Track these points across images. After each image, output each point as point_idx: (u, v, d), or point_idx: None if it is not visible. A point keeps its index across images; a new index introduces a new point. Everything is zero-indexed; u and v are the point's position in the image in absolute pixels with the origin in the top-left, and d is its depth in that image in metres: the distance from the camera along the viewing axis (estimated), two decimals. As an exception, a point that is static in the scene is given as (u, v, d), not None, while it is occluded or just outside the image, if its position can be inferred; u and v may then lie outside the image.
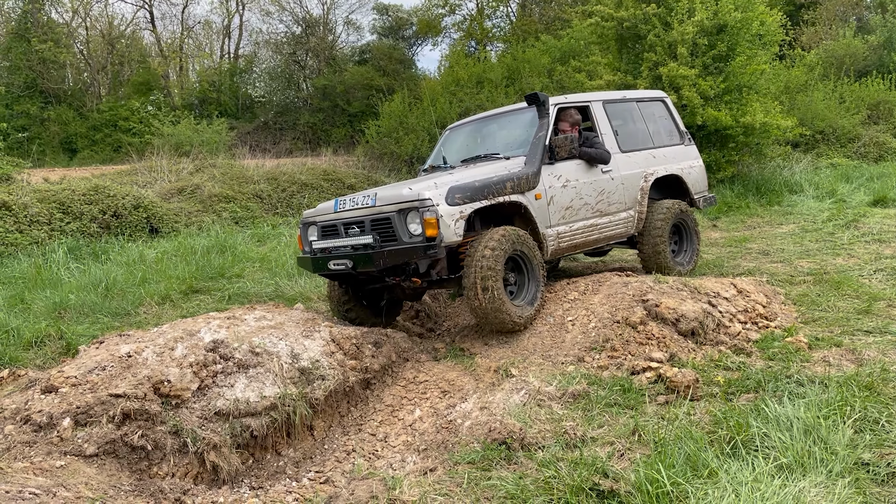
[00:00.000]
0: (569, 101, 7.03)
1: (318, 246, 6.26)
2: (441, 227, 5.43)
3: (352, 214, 5.95)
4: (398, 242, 5.60)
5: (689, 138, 8.21)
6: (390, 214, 5.62)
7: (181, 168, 16.09)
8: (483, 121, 7.62)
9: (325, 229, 6.27)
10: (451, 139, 7.85)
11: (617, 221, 7.13)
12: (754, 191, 13.81)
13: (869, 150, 18.42)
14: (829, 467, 3.30)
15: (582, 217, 6.75)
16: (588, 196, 6.80)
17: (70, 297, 7.30)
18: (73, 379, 4.68)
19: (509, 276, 5.97)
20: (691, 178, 8.00)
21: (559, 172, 6.56)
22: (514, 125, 7.17)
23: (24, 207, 10.28)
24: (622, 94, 7.85)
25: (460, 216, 5.59)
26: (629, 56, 15.08)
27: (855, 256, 8.10)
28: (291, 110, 35.25)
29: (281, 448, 5.00)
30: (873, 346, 5.32)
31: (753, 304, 6.31)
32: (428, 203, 5.47)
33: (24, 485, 3.61)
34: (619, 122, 7.44)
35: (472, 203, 5.71)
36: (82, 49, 34.20)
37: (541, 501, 3.32)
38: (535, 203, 6.25)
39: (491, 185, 5.87)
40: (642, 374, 5.01)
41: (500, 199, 5.92)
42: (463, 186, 5.70)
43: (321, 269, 6.19)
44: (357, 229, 5.90)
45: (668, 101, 8.17)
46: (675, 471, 3.32)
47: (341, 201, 6.13)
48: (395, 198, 5.67)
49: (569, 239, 6.63)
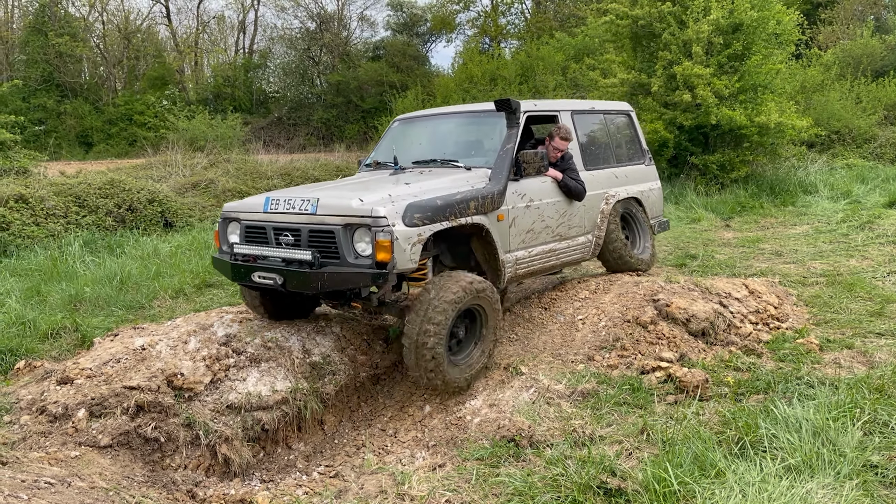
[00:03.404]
0: (537, 108, 6.20)
1: (240, 251, 5.22)
2: (395, 252, 4.55)
3: (286, 219, 5.01)
4: (341, 263, 4.71)
5: (650, 158, 7.71)
6: (334, 228, 4.72)
7: (195, 163, 16.20)
8: (441, 118, 6.71)
9: (251, 231, 5.28)
10: (402, 133, 6.84)
11: (575, 246, 6.43)
12: (768, 191, 13.73)
13: (885, 151, 18.27)
14: (837, 469, 3.30)
15: (542, 241, 6.03)
16: (550, 218, 6.08)
17: (85, 289, 7.38)
18: (88, 371, 4.75)
19: (459, 330, 5.12)
20: (649, 202, 7.44)
21: (524, 191, 5.78)
22: (476, 128, 6.35)
23: (40, 200, 10.39)
24: (590, 104, 7.10)
25: (418, 240, 4.71)
26: (643, 54, 15.02)
27: (869, 258, 8.06)
28: (305, 106, 35.37)
29: (292, 442, 5.05)
30: (885, 349, 5.31)
31: (765, 305, 6.29)
32: (382, 222, 4.56)
33: (40, 474, 3.67)
34: (585, 135, 6.75)
35: (433, 224, 4.83)
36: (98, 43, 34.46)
37: (548, 498, 3.34)
38: (496, 225, 5.46)
39: (454, 204, 5.00)
40: (652, 374, 5.02)
41: (462, 221, 5.08)
42: (423, 205, 4.79)
43: (242, 278, 5.20)
44: (291, 238, 4.95)
45: (634, 115, 7.59)
46: (683, 470, 3.34)
47: (273, 201, 5.17)
48: (341, 208, 4.75)
49: (526, 265, 5.87)
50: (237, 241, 5.37)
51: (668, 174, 14.51)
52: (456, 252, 5.68)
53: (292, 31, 38.80)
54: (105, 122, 31.04)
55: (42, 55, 30.60)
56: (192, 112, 23.42)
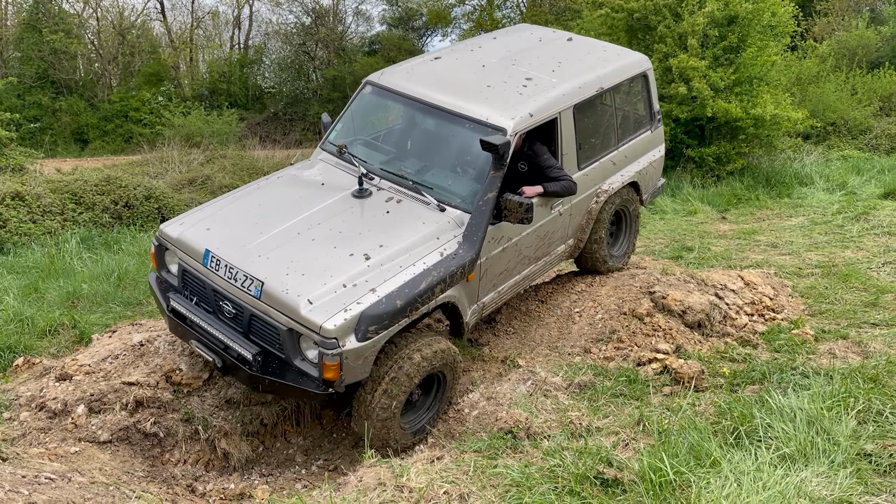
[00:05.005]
0: (534, 119, 5.06)
1: (177, 306, 4.58)
2: (344, 370, 4.02)
3: (227, 288, 4.31)
4: (287, 365, 4.22)
5: (659, 119, 6.61)
6: (279, 327, 4.13)
7: (192, 159, 16.21)
8: (427, 110, 5.31)
9: (189, 279, 4.59)
10: (374, 108, 5.75)
11: (551, 261, 5.80)
12: (764, 183, 13.75)
13: (881, 143, 18.28)
14: (832, 458, 3.34)
15: (515, 274, 5.35)
16: (528, 248, 5.32)
17: (83, 286, 7.38)
18: (86, 367, 4.77)
19: (414, 395, 4.61)
20: (646, 178, 6.52)
21: (501, 233, 4.96)
22: (462, 140, 5.13)
23: (37, 198, 10.38)
24: (597, 82, 5.65)
25: (371, 352, 4.13)
26: (639, 47, 14.99)
27: (864, 249, 8.08)
28: (301, 101, 35.27)
29: (290, 436, 5.08)
30: (879, 339, 5.34)
31: (760, 297, 6.32)
32: (331, 343, 3.95)
33: (40, 470, 3.69)
34: (585, 127, 5.63)
35: (389, 329, 4.18)
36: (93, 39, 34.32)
37: (546, 489, 3.37)
38: (465, 287, 4.75)
39: (416, 296, 4.26)
40: (648, 366, 5.06)
41: (424, 311, 4.42)
42: (380, 313, 4.09)
43: (178, 334, 4.74)
44: (233, 311, 4.32)
45: (650, 73, 6.32)
46: (679, 460, 3.37)
47: (214, 260, 4.36)
48: (286, 308, 4.08)
49: (493, 304, 5.30)
50: (174, 278, 4.72)
51: (665, 167, 14.51)
52: None
53: (287, 26, 38.66)
54: (101, 118, 30.92)
55: (36, 52, 30.46)
56: (187, 108, 23.37)
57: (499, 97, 5.19)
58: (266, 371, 4.25)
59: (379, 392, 4.29)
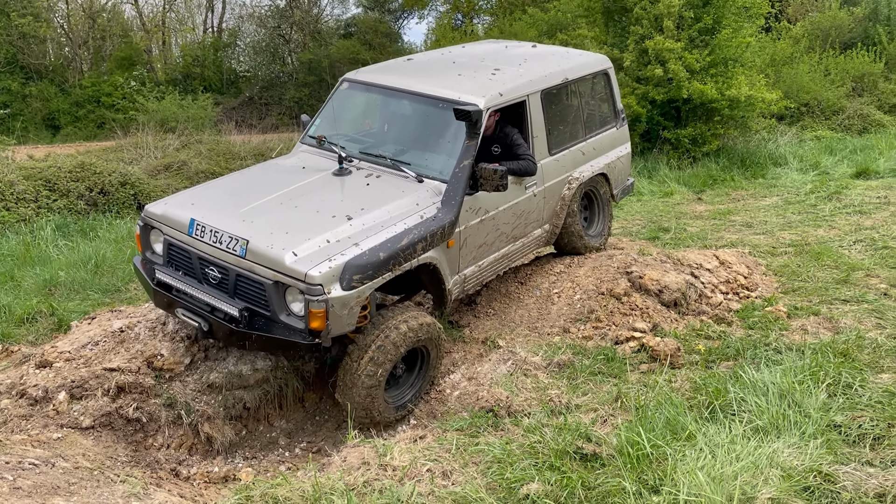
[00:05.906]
0: (504, 98, 5.35)
1: (163, 278, 4.70)
2: (330, 319, 4.14)
3: (212, 252, 4.45)
4: (273, 321, 4.32)
5: (623, 118, 6.94)
6: (264, 282, 4.24)
7: (167, 144, 16.01)
8: (397, 96, 5.66)
9: (175, 252, 4.72)
10: (351, 101, 6.03)
11: (529, 243, 5.98)
12: (739, 164, 13.92)
13: (853, 123, 18.55)
14: (803, 429, 3.44)
15: (495, 250, 5.53)
16: (505, 224, 5.52)
17: (60, 273, 7.32)
18: (66, 354, 4.76)
19: (398, 369, 4.75)
20: (616, 173, 6.79)
21: (479, 204, 5.20)
22: (436, 119, 5.36)
23: (10, 185, 10.25)
24: (562, 73, 6.03)
25: (356, 303, 4.26)
26: (615, 29, 15.07)
27: (836, 228, 8.25)
28: (277, 85, 34.89)
29: (273, 419, 5.11)
30: (850, 315, 5.48)
31: (735, 275, 6.44)
32: (316, 289, 4.08)
33: (24, 456, 3.69)
34: (554, 115, 5.92)
35: (374, 280, 4.33)
36: (63, 24, 33.65)
37: (526, 465, 3.44)
38: (446, 252, 4.96)
39: (399, 252, 4.44)
40: (626, 344, 5.15)
41: (407, 267, 4.59)
42: (364, 263, 4.25)
43: (164, 308, 4.85)
44: (218, 275, 4.45)
45: (612, 72, 6.70)
46: (655, 434, 3.46)
47: (199, 226, 4.52)
48: (272, 261, 4.22)
49: (475, 280, 5.47)
50: (160, 255, 4.84)
51: (641, 149, 14.62)
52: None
53: (261, 8, 38.15)
54: (72, 104, 30.38)
55: (5, 37, 29.82)
56: (161, 93, 23.03)
57: (470, 81, 5.52)
58: (253, 327, 4.36)
59: (365, 359, 4.41)
